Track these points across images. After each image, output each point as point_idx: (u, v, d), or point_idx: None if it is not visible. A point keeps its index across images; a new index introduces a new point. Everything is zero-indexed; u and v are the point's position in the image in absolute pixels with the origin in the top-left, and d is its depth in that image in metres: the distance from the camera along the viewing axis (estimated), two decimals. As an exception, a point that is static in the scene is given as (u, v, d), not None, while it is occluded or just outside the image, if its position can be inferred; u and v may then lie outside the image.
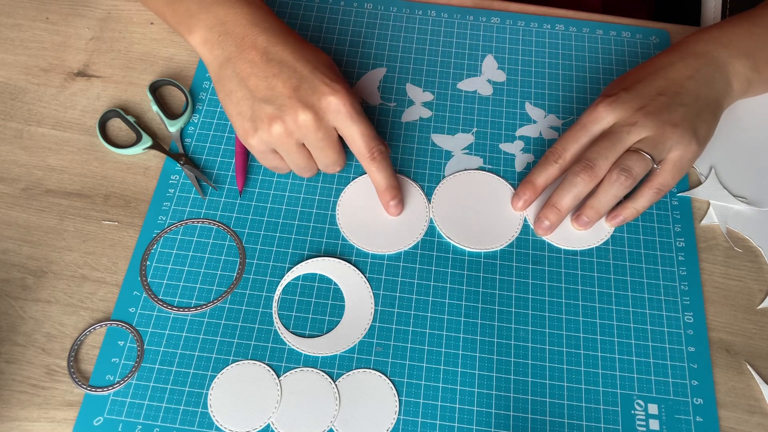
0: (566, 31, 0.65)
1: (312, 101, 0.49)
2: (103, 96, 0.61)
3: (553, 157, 0.53)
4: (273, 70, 0.49)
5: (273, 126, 0.49)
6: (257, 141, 0.51)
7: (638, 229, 0.55)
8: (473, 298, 0.52)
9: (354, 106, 0.50)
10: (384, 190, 0.53)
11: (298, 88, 0.49)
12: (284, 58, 0.50)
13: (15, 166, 0.57)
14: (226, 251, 0.54)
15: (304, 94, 0.49)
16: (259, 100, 0.49)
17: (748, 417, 0.49)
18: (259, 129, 0.50)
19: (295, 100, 0.49)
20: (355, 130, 0.50)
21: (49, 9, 0.66)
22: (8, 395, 0.48)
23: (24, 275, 0.52)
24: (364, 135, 0.50)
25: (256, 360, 0.50)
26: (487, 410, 0.48)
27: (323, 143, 0.51)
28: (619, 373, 0.50)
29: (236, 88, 0.50)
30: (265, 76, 0.49)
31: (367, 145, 0.51)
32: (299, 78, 0.49)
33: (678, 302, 0.52)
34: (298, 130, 0.50)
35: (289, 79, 0.49)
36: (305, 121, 0.49)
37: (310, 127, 0.49)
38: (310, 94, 0.49)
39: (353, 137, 0.51)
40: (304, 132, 0.50)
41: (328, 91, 0.49)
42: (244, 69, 0.50)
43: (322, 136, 0.50)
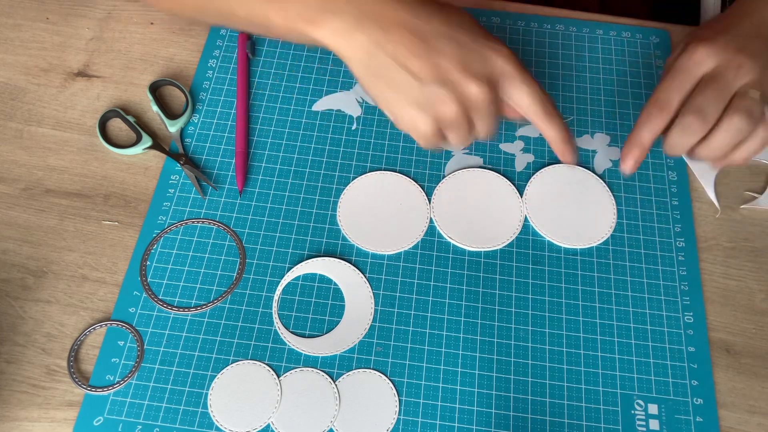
0: (566, 31, 0.65)
1: (485, 71, 0.45)
2: (103, 96, 0.61)
3: (657, 107, 0.49)
4: (432, 46, 0.44)
5: (445, 107, 0.45)
6: (430, 127, 0.46)
7: (638, 229, 0.55)
8: (473, 298, 0.52)
9: (521, 64, 0.46)
10: (561, 143, 0.50)
11: (466, 61, 0.44)
12: (438, 30, 0.45)
13: (15, 166, 0.57)
14: (226, 251, 0.54)
15: (475, 66, 0.45)
16: (428, 83, 0.44)
17: (748, 417, 0.49)
18: (433, 113, 0.45)
19: (467, 74, 0.44)
20: (526, 91, 0.46)
21: (49, 9, 0.66)
22: (8, 395, 0.48)
23: (24, 275, 0.52)
24: (534, 95, 0.47)
25: (256, 360, 0.50)
26: (487, 410, 0.48)
27: (491, 111, 0.46)
28: (619, 373, 0.50)
29: (396, 74, 0.45)
30: (427, 55, 0.44)
31: (541, 101, 0.47)
32: (463, 49, 0.45)
33: (678, 302, 0.52)
34: (472, 105, 0.45)
35: (454, 53, 0.44)
36: (482, 95, 0.45)
37: (485, 98, 0.45)
38: (481, 65, 0.45)
39: (523, 100, 0.47)
40: (480, 105, 0.45)
41: (495, 55, 0.45)
42: (400, 52, 0.44)
43: (492, 105, 0.46)
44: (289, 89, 0.62)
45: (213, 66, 0.63)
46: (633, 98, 0.62)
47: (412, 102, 0.45)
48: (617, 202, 0.56)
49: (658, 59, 0.64)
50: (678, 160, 0.58)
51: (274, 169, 0.58)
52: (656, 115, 0.49)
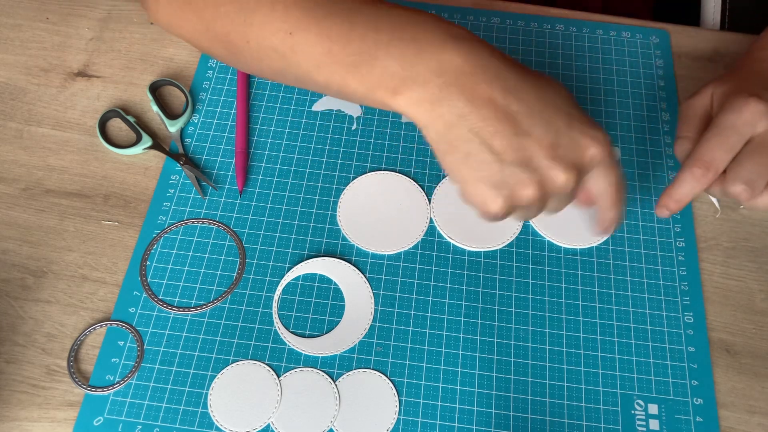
0: (566, 31, 0.65)
1: (575, 159, 0.42)
2: (103, 96, 0.61)
3: (700, 170, 0.47)
4: (521, 126, 0.41)
5: (525, 191, 0.42)
6: (500, 207, 0.42)
7: (638, 229, 0.55)
8: (473, 298, 0.52)
9: (612, 153, 0.43)
10: (612, 224, 0.47)
11: (557, 146, 0.41)
12: (529, 110, 0.41)
13: (15, 166, 0.57)
14: (226, 251, 0.54)
15: (565, 152, 0.41)
16: (510, 164, 0.41)
17: (748, 417, 0.49)
18: (509, 195, 0.42)
19: (556, 161, 0.41)
20: (611, 180, 0.44)
21: (49, 9, 0.66)
22: (8, 395, 0.48)
23: (24, 275, 0.52)
24: (618, 181, 0.45)
25: (256, 360, 0.50)
26: (487, 410, 0.48)
27: (569, 197, 0.45)
28: (619, 373, 0.50)
29: (476, 151, 0.41)
30: (514, 135, 0.41)
31: (619, 189, 0.45)
32: (555, 133, 0.41)
33: (678, 302, 0.52)
34: (555, 189, 0.42)
35: (544, 137, 0.41)
36: (568, 183, 0.42)
37: (570, 186, 0.42)
38: (571, 151, 0.42)
39: (607, 188, 0.45)
40: (562, 191, 0.43)
41: (590, 143, 0.42)
42: (484, 128, 0.41)
43: (573, 192, 0.44)
44: (289, 89, 0.62)
45: (213, 66, 0.63)
46: (633, 98, 0.62)
47: (487, 181, 0.42)
48: (617, 202, 0.56)
49: (658, 59, 0.64)
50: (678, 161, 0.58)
51: (274, 169, 0.58)
52: (701, 175, 0.47)
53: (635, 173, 0.58)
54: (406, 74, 0.42)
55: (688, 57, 0.64)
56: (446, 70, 0.41)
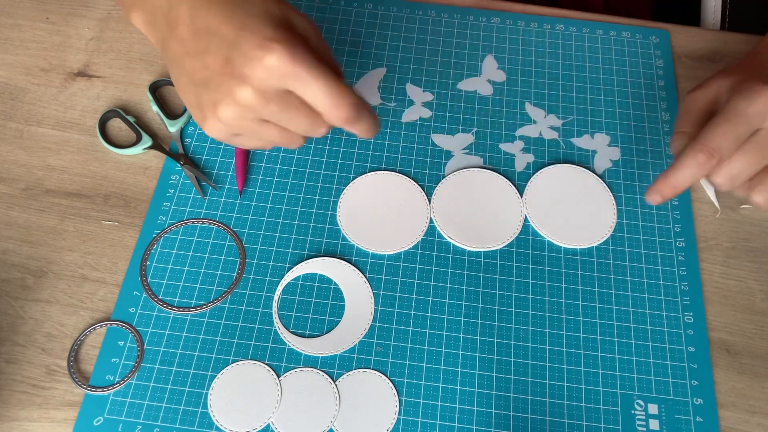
0: (566, 31, 0.65)
1: (246, 71, 0.39)
2: (103, 96, 0.61)
3: (703, 156, 0.44)
4: (202, 43, 0.40)
5: (218, 112, 0.41)
6: (212, 130, 0.42)
7: (638, 229, 0.55)
8: (473, 298, 0.52)
9: (298, 61, 0.38)
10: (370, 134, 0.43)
11: (229, 59, 0.39)
12: (210, 25, 0.40)
13: (15, 166, 0.57)
14: (226, 251, 0.54)
15: (237, 65, 0.39)
16: (199, 85, 0.41)
17: (748, 417, 0.49)
18: (208, 118, 0.42)
19: (228, 75, 0.39)
20: (311, 90, 0.39)
21: (49, 9, 0.66)
22: (8, 395, 0.48)
23: (24, 275, 0.52)
24: (324, 94, 0.40)
25: (256, 360, 0.50)
26: (487, 410, 0.48)
27: (284, 114, 0.41)
28: (619, 373, 0.50)
29: (178, 74, 0.42)
30: (197, 53, 0.40)
31: (333, 103, 0.40)
32: (228, 45, 0.39)
33: (678, 302, 0.52)
34: (245, 110, 0.40)
35: (219, 50, 0.39)
36: (247, 98, 0.39)
37: (256, 104, 0.40)
38: (243, 63, 0.39)
39: (313, 99, 0.40)
40: (254, 110, 0.40)
41: (262, 53, 0.38)
42: (178, 49, 0.41)
43: (278, 108, 0.40)
44: (289, 89, 0.62)
45: (213, 66, 0.63)
46: (633, 98, 0.62)
47: (191, 104, 0.43)
48: (617, 202, 0.56)
49: (658, 59, 0.64)
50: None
51: (274, 169, 0.58)
52: (705, 161, 0.45)
53: (635, 173, 0.58)
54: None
55: (688, 57, 0.64)
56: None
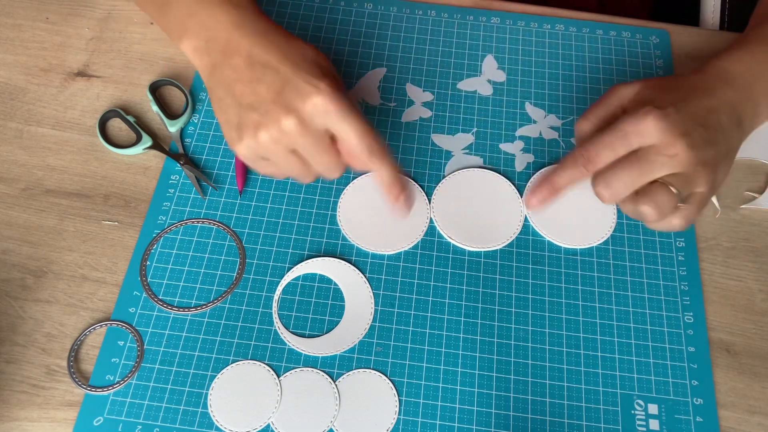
0: (566, 31, 0.65)
1: (296, 105, 0.45)
2: (103, 96, 0.61)
3: (583, 160, 0.48)
4: (257, 74, 0.47)
5: (258, 134, 0.46)
6: (244, 149, 0.48)
7: (638, 229, 0.55)
8: (473, 298, 0.52)
9: (341, 104, 0.45)
10: (389, 186, 0.49)
11: (282, 92, 0.46)
12: (268, 60, 0.47)
13: (15, 166, 0.57)
14: (226, 251, 0.54)
15: (288, 98, 0.45)
16: (245, 107, 0.47)
17: (748, 417, 0.49)
18: (245, 137, 0.47)
19: (278, 105, 0.45)
20: (346, 128, 0.46)
21: (49, 9, 0.66)
22: (8, 395, 0.48)
23: (24, 275, 0.52)
24: (357, 132, 0.46)
25: (256, 360, 0.50)
26: (487, 410, 0.48)
27: (314, 148, 0.47)
28: (619, 373, 0.50)
29: (224, 95, 0.48)
30: (249, 81, 0.47)
31: (363, 141, 0.46)
32: (282, 80, 0.46)
33: (678, 302, 0.52)
34: (284, 136, 0.46)
35: (273, 83, 0.46)
36: (290, 126, 0.45)
37: (296, 133, 0.46)
38: (293, 97, 0.45)
39: (346, 137, 0.46)
40: (292, 138, 0.46)
41: (313, 91, 0.45)
42: (230, 75, 0.47)
43: (312, 141, 0.46)
44: (289, 89, 0.62)
45: (213, 66, 0.63)
46: (633, 98, 0.62)
47: (230, 123, 0.48)
48: (617, 202, 0.56)
49: (658, 59, 0.64)
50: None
51: (274, 169, 0.58)
52: (580, 165, 0.48)
53: (635, 173, 0.58)
54: (188, 24, 0.49)
55: (688, 57, 0.64)
56: (215, 26, 0.48)
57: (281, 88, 0.46)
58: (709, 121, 0.48)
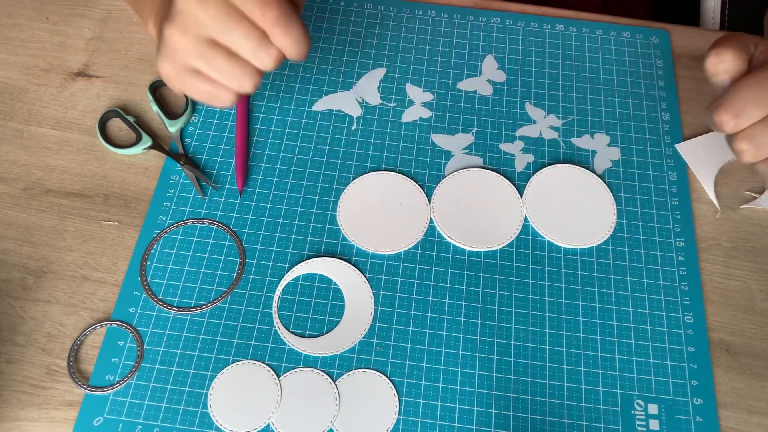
0: (566, 31, 0.65)
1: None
2: (103, 96, 0.61)
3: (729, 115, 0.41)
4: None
5: (166, 33, 0.42)
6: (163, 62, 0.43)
7: (638, 229, 0.55)
8: (473, 298, 0.52)
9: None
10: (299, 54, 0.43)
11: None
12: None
13: (15, 166, 0.57)
14: (226, 251, 0.54)
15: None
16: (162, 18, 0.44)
17: (748, 417, 0.49)
18: (160, 48, 0.43)
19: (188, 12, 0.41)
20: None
21: (49, 9, 0.66)
22: (8, 395, 0.48)
23: (24, 275, 0.52)
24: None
25: (256, 360, 0.50)
26: (487, 410, 0.48)
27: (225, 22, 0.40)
28: (619, 373, 0.50)
29: (153, 23, 0.51)
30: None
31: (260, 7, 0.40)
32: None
33: (678, 302, 0.52)
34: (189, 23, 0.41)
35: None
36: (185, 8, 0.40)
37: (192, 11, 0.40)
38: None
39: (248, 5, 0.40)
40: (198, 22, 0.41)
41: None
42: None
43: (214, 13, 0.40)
44: (289, 89, 0.62)
45: (213, 66, 0.63)
46: (633, 98, 0.62)
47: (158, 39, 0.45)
48: (617, 202, 0.56)
49: (658, 59, 0.64)
50: (678, 159, 0.58)
51: (274, 169, 0.58)
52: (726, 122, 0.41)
53: (635, 173, 0.58)
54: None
55: (688, 57, 0.64)
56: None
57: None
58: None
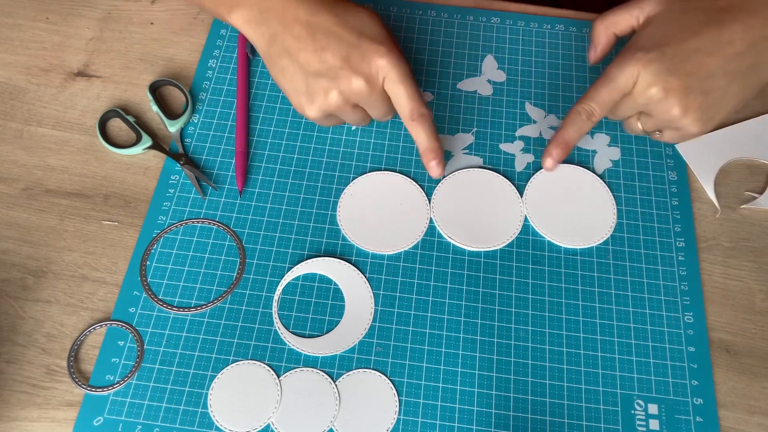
0: (566, 31, 0.65)
1: (363, 68, 0.50)
2: (103, 96, 0.61)
3: (585, 113, 0.53)
4: (321, 42, 0.50)
5: (329, 96, 0.51)
6: (315, 112, 0.52)
7: (638, 229, 0.55)
8: (473, 298, 0.52)
9: (401, 68, 0.51)
10: (424, 151, 0.54)
11: (348, 58, 0.50)
12: (329, 28, 0.50)
13: (15, 166, 0.57)
14: (226, 251, 0.54)
15: (355, 63, 0.50)
16: (313, 75, 0.50)
17: (748, 417, 0.49)
18: (316, 101, 0.51)
19: (347, 70, 0.50)
20: (400, 91, 0.51)
21: (49, 9, 0.66)
22: (8, 395, 0.48)
23: (24, 275, 0.52)
24: (407, 96, 0.51)
25: (256, 360, 0.50)
26: (487, 410, 0.48)
27: (377, 102, 0.52)
28: (619, 373, 0.50)
29: (288, 65, 0.51)
30: (314, 50, 0.50)
31: (409, 105, 0.51)
32: (348, 46, 0.50)
33: (678, 302, 0.52)
34: (353, 95, 0.51)
35: (339, 50, 0.50)
36: (359, 87, 0.50)
37: (364, 92, 0.51)
38: (360, 62, 0.50)
39: (398, 98, 0.51)
40: (359, 97, 0.51)
41: (377, 55, 0.50)
42: (293, 45, 0.50)
43: (376, 97, 0.52)
44: (289, 89, 0.62)
45: (213, 66, 0.63)
46: (633, 98, 0.62)
47: (299, 90, 0.51)
48: (617, 202, 0.56)
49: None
50: (678, 159, 0.58)
51: (274, 169, 0.58)
52: (584, 119, 0.53)
53: (635, 173, 0.58)
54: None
55: (688, 57, 0.64)
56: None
57: (347, 54, 0.50)
58: (701, 69, 0.50)
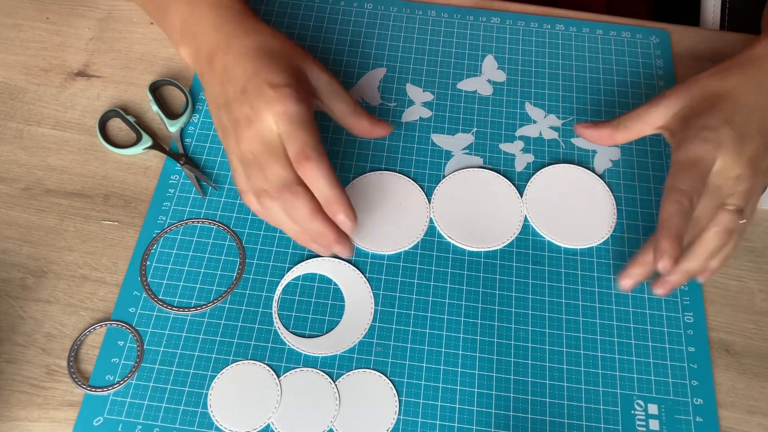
0: (566, 31, 0.65)
1: (259, 106, 0.47)
2: (103, 96, 0.61)
3: (686, 202, 0.45)
4: (227, 74, 0.49)
5: (239, 132, 0.48)
6: (231, 147, 0.50)
7: (638, 229, 0.55)
8: (473, 298, 0.52)
9: (294, 110, 0.47)
10: (324, 204, 0.48)
11: (245, 90, 0.48)
12: (237, 60, 0.49)
13: (15, 166, 0.57)
14: (226, 251, 0.54)
15: (252, 98, 0.47)
16: (221, 107, 0.50)
17: (748, 417, 0.49)
18: (229, 136, 0.50)
19: (243, 102, 0.48)
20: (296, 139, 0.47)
21: (49, 9, 0.66)
22: (8, 395, 0.48)
23: (24, 275, 0.52)
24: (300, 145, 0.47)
25: (256, 360, 0.50)
26: (487, 410, 0.48)
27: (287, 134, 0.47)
28: (619, 373, 0.50)
29: (208, 99, 0.52)
30: (221, 82, 0.50)
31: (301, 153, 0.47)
32: (247, 77, 0.48)
33: (678, 302, 0.52)
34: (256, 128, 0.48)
35: (239, 81, 0.49)
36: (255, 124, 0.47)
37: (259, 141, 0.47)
38: (256, 99, 0.47)
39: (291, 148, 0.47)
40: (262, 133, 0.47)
41: (271, 91, 0.47)
42: (211, 78, 0.51)
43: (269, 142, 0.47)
44: (289, 89, 0.62)
45: (213, 66, 0.63)
46: (633, 98, 0.62)
47: (216, 124, 0.52)
48: (617, 202, 0.56)
49: (658, 59, 0.64)
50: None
51: (274, 169, 0.58)
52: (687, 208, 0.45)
53: (635, 173, 0.58)
54: (181, 29, 0.52)
55: (688, 57, 0.64)
56: (200, 31, 0.51)
57: (244, 87, 0.48)
58: (764, 126, 0.48)
